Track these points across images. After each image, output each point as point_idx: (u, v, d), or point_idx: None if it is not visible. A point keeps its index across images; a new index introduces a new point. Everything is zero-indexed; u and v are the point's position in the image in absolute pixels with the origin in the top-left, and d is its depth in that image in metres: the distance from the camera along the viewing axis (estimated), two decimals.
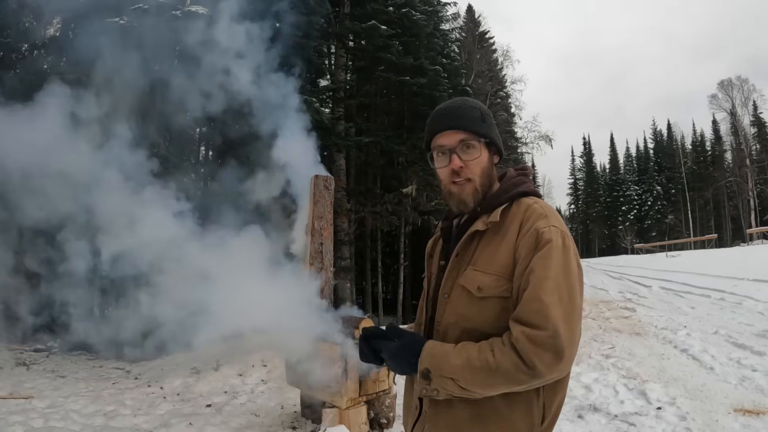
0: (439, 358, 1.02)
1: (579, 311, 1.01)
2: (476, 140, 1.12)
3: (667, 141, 53.79)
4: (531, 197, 1.14)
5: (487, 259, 1.07)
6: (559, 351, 0.94)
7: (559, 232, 1.03)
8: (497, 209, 1.10)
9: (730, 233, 42.72)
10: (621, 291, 12.62)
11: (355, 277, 11.32)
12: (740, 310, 7.90)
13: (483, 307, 1.05)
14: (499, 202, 1.12)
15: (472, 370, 0.98)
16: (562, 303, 0.97)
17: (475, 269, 1.07)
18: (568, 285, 0.99)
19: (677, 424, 3.41)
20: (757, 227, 35.15)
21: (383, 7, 10.22)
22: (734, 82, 42.40)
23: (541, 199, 1.15)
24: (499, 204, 1.11)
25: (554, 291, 0.97)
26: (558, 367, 0.95)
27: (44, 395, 4.90)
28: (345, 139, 9.61)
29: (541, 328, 0.94)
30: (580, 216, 59.72)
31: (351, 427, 3.41)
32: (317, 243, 4.09)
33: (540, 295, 0.97)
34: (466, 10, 26.67)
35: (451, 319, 1.09)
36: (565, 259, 1.01)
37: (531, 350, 0.94)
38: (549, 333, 0.94)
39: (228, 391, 5.11)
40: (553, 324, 0.94)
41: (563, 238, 1.03)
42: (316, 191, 4.13)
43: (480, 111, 1.16)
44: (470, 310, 1.07)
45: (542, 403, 1.05)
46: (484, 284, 1.05)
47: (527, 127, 28.60)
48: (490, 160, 1.16)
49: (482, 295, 1.05)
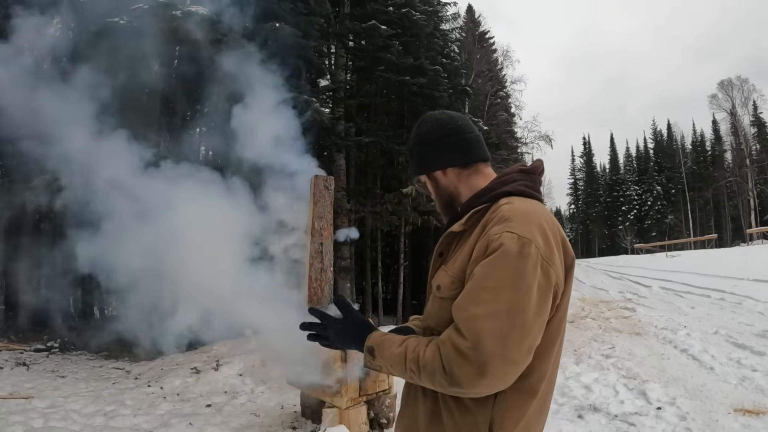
0: (382, 343, 1.05)
1: (526, 328, 0.91)
2: (418, 180, 1.28)
3: (667, 141, 53.78)
4: (511, 197, 1.06)
5: (454, 260, 1.07)
6: (482, 366, 0.88)
7: (515, 238, 0.93)
8: (469, 212, 1.08)
9: (730, 233, 42.71)
10: (621, 291, 12.62)
11: (355, 277, 11.32)
12: (740, 310, 7.90)
13: (441, 307, 1.05)
14: (479, 202, 1.09)
15: (404, 360, 0.99)
16: (497, 317, 0.89)
17: (444, 269, 1.09)
18: (511, 299, 0.90)
19: (677, 424, 3.41)
20: (757, 227, 35.14)
21: (383, 7, 10.22)
22: (734, 82, 42.40)
23: (532, 198, 1.08)
24: (475, 205, 1.09)
25: (488, 302, 0.90)
26: (481, 382, 0.89)
27: (44, 395, 4.90)
28: (345, 139, 9.61)
29: (464, 337, 0.90)
30: (580, 216, 59.71)
31: (351, 427, 3.41)
32: (317, 243, 4.09)
33: (469, 304, 0.93)
34: (466, 10, 26.66)
35: (426, 315, 1.15)
36: (517, 269, 0.92)
37: (452, 357, 0.90)
38: (470, 344, 0.89)
39: (228, 391, 5.12)
40: (476, 337, 0.89)
41: (521, 246, 0.93)
42: (316, 191, 4.13)
43: (418, 146, 1.22)
44: (433, 308, 1.09)
45: (490, 417, 0.99)
46: (443, 284, 1.06)
47: (527, 127, 28.60)
48: (439, 182, 1.21)
49: (441, 295, 1.06)
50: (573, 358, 5.57)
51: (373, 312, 11.27)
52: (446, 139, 1.18)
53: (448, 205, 1.20)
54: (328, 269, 4.12)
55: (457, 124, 1.19)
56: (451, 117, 1.21)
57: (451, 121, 1.19)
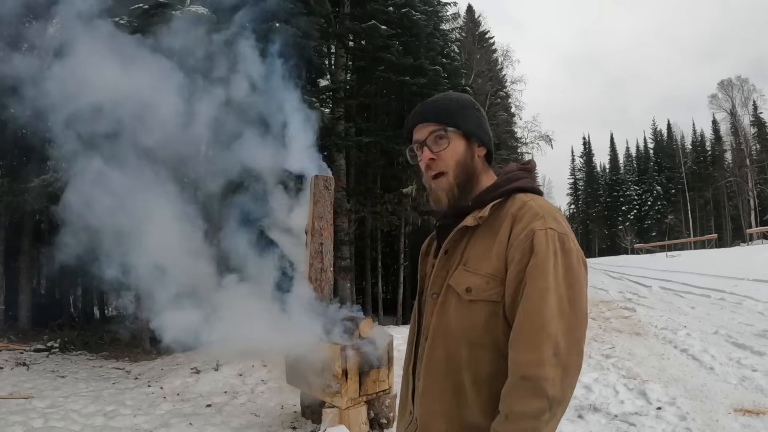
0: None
1: (584, 317, 0.94)
2: (444, 130, 1.06)
3: (667, 141, 53.77)
4: (527, 194, 1.04)
5: (478, 258, 0.99)
6: (565, 367, 0.89)
7: (556, 235, 0.94)
8: (488, 204, 1.02)
9: (730, 233, 42.70)
10: (621, 291, 12.62)
11: (355, 277, 11.31)
12: (740, 310, 7.90)
13: (472, 311, 0.98)
14: (492, 197, 1.04)
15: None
16: (563, 316, 0.90)
17: (465, 269, 1.00)
18: (569, 295, 0.92)
19: (677, 424, 3.41)
20: (757, 227, 35.12)
21: (383, 7, 10.22)
22: (734, 82, 42.38)
23: (540, 196, 1.06)
24: (491, 199, 1.03)
25: (554, 304, 0.90)
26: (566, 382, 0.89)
27: (44, 395, 4.90)
28: (345, 139, 9.60)
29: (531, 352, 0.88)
30: (580, 216, 59.69)
31: (351, 427, 3.41)
32: (317, 243, 4.09)
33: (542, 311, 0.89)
34: (466, 10, 26.66)
35: (438, 322, 1.02)
36: (566, 264, 0.93)
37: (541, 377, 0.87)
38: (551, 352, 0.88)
39: (228, 391, 5.11)
40: (555, 341, 0.88)
41: (562, 242, 0.94)
42: (316, 191, 4.13)
43: (458, 102, 1.10)
44: (458, 313, 0.99)
45: None
46: (474, 286, 0.98)
47: (527, 127, 28.61)
48: (469, 151, 1.08)
49: (471, 297, 0.98)
50: None
51: (373, 312, 11.26)
52: (486, 121, 1.13)
53: (463, 184, 1.07)
54: (328, 269, 4.12)
55: None
56: None
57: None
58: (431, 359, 1.03)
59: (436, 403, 1.02)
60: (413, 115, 1.12)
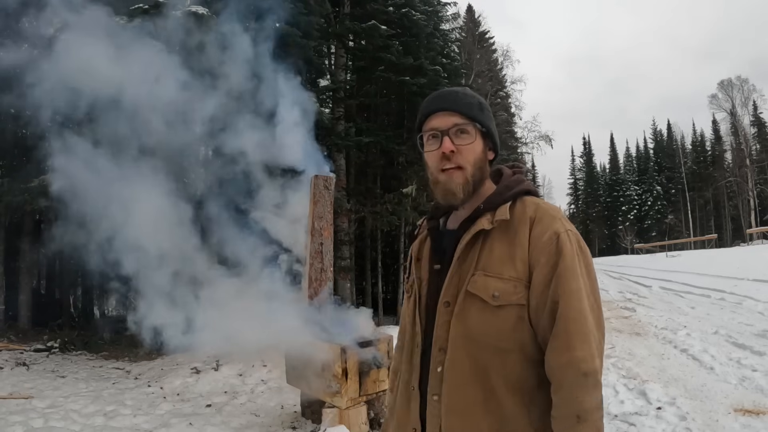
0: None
1: (600, 306, 1.03)
2: (472, 125, 1.04)
3: (667, 141, 53.78)
4: (532, 196, 1.06)
5: (500, 262, 0.98)
6: (596, 351, 0.96)
7: (574, 236, 1.00)
8: (503, 206, 1.01)
9: (730, 233, 42.71)
10: (621, 291, 12.62)
11: (355, 277, 11.31)
12: (740, 310, 7.89)
13: (498, 316, 0.97)
14: (503, 199, 1.02)
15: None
16: (593, 311, 0.98)
17: (486, 274, 0.98)
18: (593, 289, 1.00)
19: (677, 424, 3.40)
20: (757, 227, 35.13)
21: (383, 7, 10.22)
22: (734, 82, 42.43)
23: (542, 199, 1.10)
24: (503, 201, 1.02)
25: (584, 299, 0.96)
26: (596, 362, 0.96)
27: (44, 395, 4.90)
28: (345, 139, 9.60)
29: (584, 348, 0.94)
30: (580, 216, 59.66)
31: (351, 427, 3.41)
32: (317, 243, 4.09)
33: (580, 307, 0.95)
34: (466, 10, 26.68)
35: (459, 331, 0.99)
36: (587, 263, 1.00)
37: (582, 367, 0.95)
38: (581, 338, 0.94)
39: (228, 391, 5.11)
40: (586, 331, 0.95)
41: (578, 242, 1.00)
42: (316, 191, 4.13)
43: (479, 100, 1.09)
44: (483, 320, 0.97)
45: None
46: (501, 291, 0.96)
47: (527, 127, 28.63)
48: (485, 152, 1.07)
49: (498, 303, 0.96)
50: None
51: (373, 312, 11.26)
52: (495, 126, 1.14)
53: (476, 183, 1.05)
54: (328, 269, 4.12)
55: None
56: None
57: None
58: (455, 370, 0.99)
59: (466, 416, 0.98)
60: (433, 101, 1.08)
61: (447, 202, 1.06)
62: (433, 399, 1.01)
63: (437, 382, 1.00)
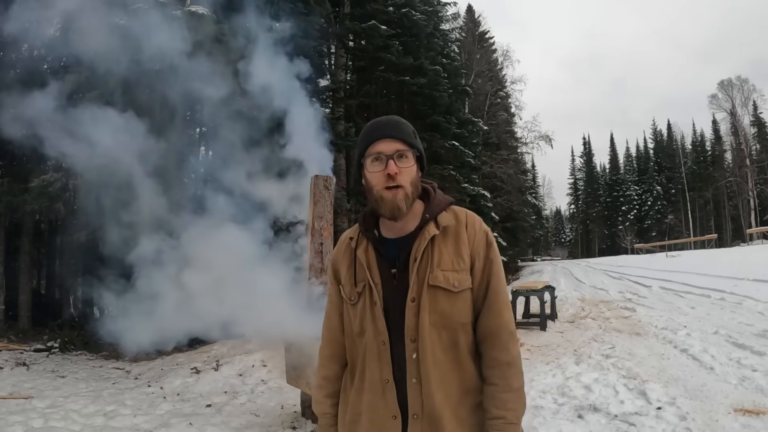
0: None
1: None
2: (410, 151, 1.25)
3: (667, 141, 53.80)
4: (456, 206, 1.34)
5: (452, 259, 1.24)
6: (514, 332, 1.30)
7: (491, 233, 1.34)
8: (443, 215, 1.28)
9: (730, 233, 42.72)
10: (621, 291, 12.62)
11: None
12: (740, 310, 7.89)
13: (459, 298, 1.23)
14: (440, 209, 1.29)
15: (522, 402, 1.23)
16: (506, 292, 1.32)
17: (443, 270, 1.22)
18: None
19: (677, 424, 3.40)
20: (757, 227, 35.14)
21: (383, 7, 10.22)
22: (734, 82, 42.42)
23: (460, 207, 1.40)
24: (440, 211, 1.28)
25: (503, 279, 1.31)
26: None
27: (44, 395, 4.90)
28: (345, 139, 9.60)
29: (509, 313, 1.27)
30: (580, 216, 59.69)
31: None
32: (317, 243, 4.09)
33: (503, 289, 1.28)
34: (466, 10, 26.70)
35: (433, 319, 1.21)
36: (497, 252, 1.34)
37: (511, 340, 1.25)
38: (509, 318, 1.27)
39: (228, 391, 5.11)
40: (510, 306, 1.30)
41: (492, 237, 1.34)
42: (316, 191, 4.13)
43: (412, 129, 1.31)
44: (449, 305, 1.22)
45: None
46: (458, 280, 1.23)
47: (527, 127, 28.64)
48: (418, 172, 1.30)
49: (458, 289, 1.22)
50: (573, 358, 5.57)
51: None
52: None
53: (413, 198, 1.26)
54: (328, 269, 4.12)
55: None
56: None
57: None
58: (430, 351, 1.19)
59: (444, 383, 1.20)
60: (378, 128, 1.27)
61: (392, 216, 1.23)
62: (412, 382, 1.19)
63: (414, 367, 1.19)
